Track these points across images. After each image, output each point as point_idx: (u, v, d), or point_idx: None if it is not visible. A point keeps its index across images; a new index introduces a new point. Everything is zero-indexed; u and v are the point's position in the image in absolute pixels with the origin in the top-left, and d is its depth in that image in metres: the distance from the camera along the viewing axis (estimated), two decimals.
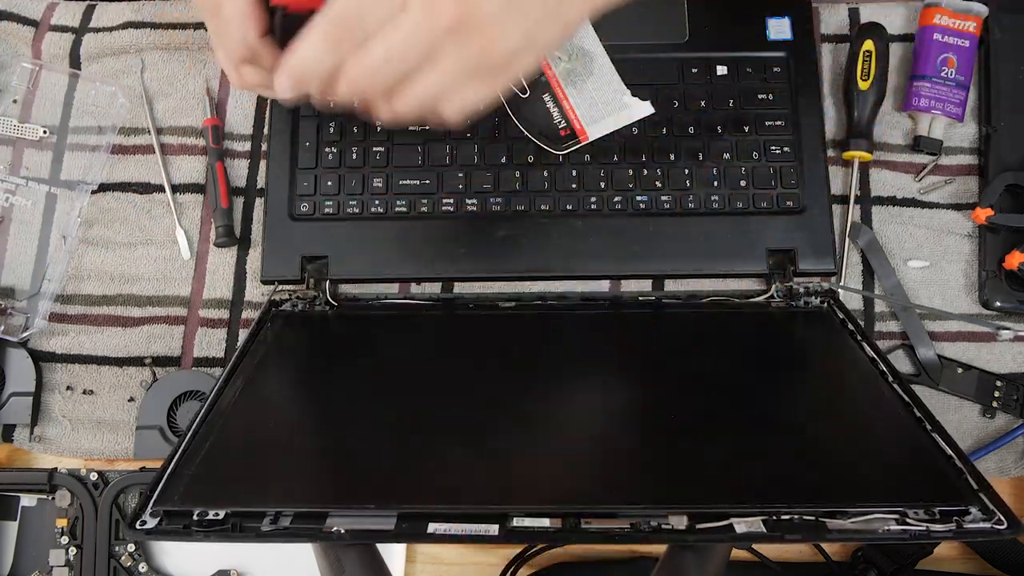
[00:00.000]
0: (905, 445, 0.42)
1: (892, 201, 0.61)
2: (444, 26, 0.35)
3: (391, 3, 0.35)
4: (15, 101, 0.63)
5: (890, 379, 0.48)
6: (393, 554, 0.55)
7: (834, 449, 0.44)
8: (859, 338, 0.52)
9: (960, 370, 0.57)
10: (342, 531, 0.36)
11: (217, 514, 0.37)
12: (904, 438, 0.43)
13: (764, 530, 0.36)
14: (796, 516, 0.36)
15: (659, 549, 0.55)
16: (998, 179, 0.59)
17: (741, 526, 0.36)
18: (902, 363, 0.58)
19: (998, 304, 0.58)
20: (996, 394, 0.56)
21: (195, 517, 0.37)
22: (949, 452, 0.40)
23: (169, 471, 0.40)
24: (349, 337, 0.56)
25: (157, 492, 0.39)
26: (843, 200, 0.61)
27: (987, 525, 0.36)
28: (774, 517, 0.36)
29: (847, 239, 0.60)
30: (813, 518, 0.36)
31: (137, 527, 0.37)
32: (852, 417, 0.47)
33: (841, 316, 0.55)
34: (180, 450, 0.42)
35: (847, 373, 0.50)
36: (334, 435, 0.46)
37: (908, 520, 0.36)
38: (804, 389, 0.51)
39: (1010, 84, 0.61)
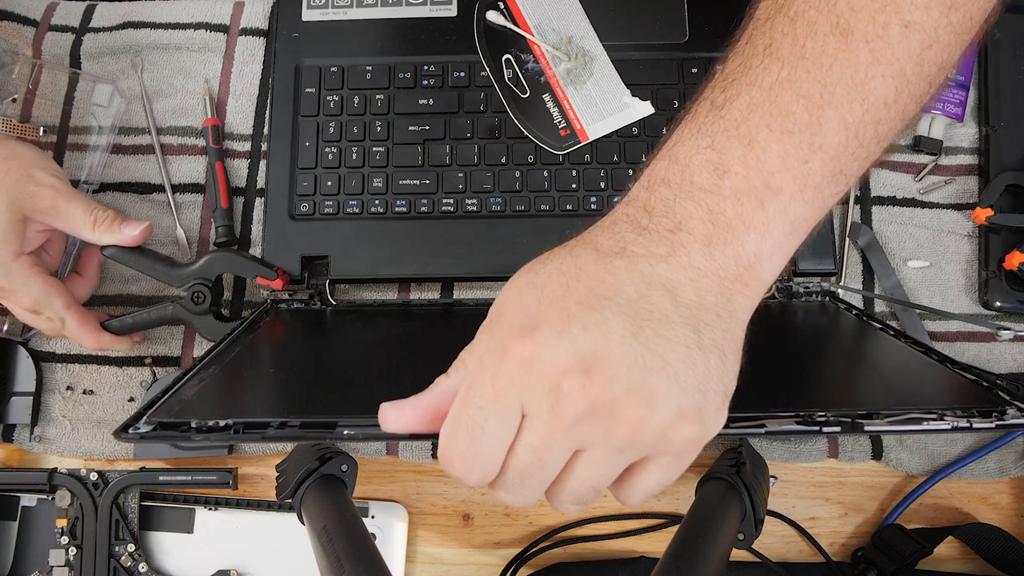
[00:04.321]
0: (931, 376, 0.42)
1: (892, 201, 0.61)
2: (574, 416, 0.29)
3: (507, 416, 0.30)
4: (15, 100, 0.63)
5: (903, 341, 0.48)
6: (393, 554, 0.55)
7: (863, 383, 0.44)
8: (864, 318, 0.52)
9: None
10: (352, 432, 0.34)
11: (217, 423, 0.35)
12: (929, 373, 0.43)
13: (800, 428, 0.35)
14: (831, 416, 0.35)
15: (659, 549, 0.55)
16: (998, 179, 0.59)
17: (774, 426, 0.35)
18: None
19: (998, 304, 0.58)
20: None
21: (193, 425, 0.35)
22: (972, 377, 0.40)
23: (167, 396, 0.38)
24: (347, 323, 0.57)
25: (154, 408, 0.37)
26: (843, 200, 0.61)
27: None
28: (809, 417, 0.35)
29: (847, 239, 0.60)
30: (849, 419, 0.35)
31: (129, 432, 0.35)
32: (875, 363, 0.47)
33: (843, 306, 0.56)
34: (179, 381, 0.41)
35: (862, 336, 0.50)
36: (335, 385, 0.45)
37: (946, 418, 0.35)
38: (824, 349, 0.51)
39: (1010, 84, 0.61)
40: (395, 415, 0.33)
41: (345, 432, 0.34)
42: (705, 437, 0.31)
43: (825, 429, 0.35)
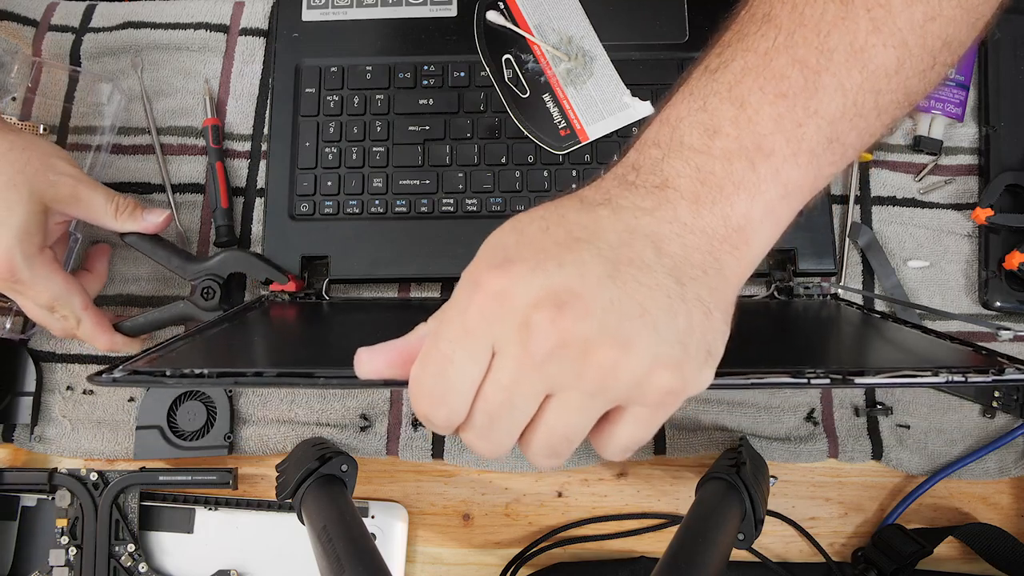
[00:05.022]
0: (932, 348, 0.42)
1: (892, 201, 0.61)
2: (544, 352, 0.28)
3: (475, 350, 0.29)
4: (15, 99, 0.63)
5: (904, 325, 0.48)
6: (393, 554, 0.55)
7: (864, 356, 0.44)
8: (866, 311, 0.52)
9: None
10: (328, 380, 0.34)
11: (192, 370, 0.35)
12: (929, 346, 0.43)
13: (788, 380, 0.34)
14: (820, 371, 0.34)
15: (659, 549, 0.55)
16: (998, 179, 0.59)
17: (758, 378, 0.34)
18: None
19: (998, 304, 0.58)
20: (996, 394, 0.56)
21: (168, 373, 0.35)
22: (970, 347, 0.40)
23: (146, 354, 0.39)
24: (340, 310, 0.57)
25: (132, 360, 0.37)
26: (843, 200, 0.61)
27: None
28: (798, 372, 0.34)
29: (847, 239, 0.60)
30: (840, 374, 0.34)
31: (103, 377, 0.34)
32: (876, 343, 0.47)
33: (844, 302, 0.56)
34: (162, 346, 0.41)
35: (863, 324, 0.51)
36: (319, 350, 0.45)
37: (941, 374, 0.35)
38: (824, 336, 0.51)
39: (1010, 84, 0.61)
40: (369, 357, 0.32)
41: (321, 380, 0.34)
42: (684, 391, 0.29)
43: (814, 381, 0.34)
